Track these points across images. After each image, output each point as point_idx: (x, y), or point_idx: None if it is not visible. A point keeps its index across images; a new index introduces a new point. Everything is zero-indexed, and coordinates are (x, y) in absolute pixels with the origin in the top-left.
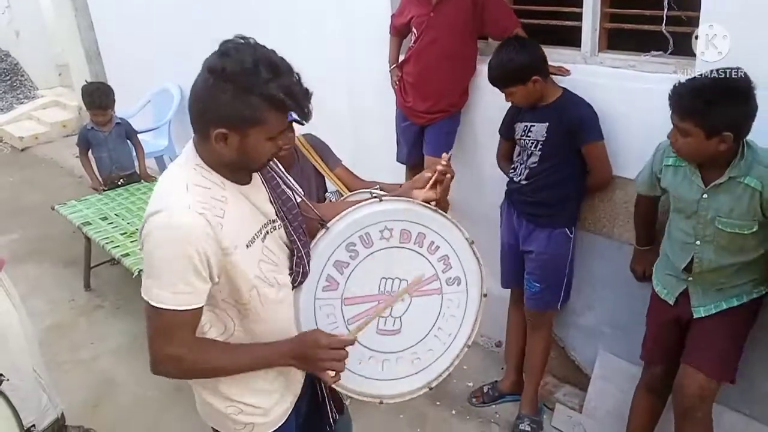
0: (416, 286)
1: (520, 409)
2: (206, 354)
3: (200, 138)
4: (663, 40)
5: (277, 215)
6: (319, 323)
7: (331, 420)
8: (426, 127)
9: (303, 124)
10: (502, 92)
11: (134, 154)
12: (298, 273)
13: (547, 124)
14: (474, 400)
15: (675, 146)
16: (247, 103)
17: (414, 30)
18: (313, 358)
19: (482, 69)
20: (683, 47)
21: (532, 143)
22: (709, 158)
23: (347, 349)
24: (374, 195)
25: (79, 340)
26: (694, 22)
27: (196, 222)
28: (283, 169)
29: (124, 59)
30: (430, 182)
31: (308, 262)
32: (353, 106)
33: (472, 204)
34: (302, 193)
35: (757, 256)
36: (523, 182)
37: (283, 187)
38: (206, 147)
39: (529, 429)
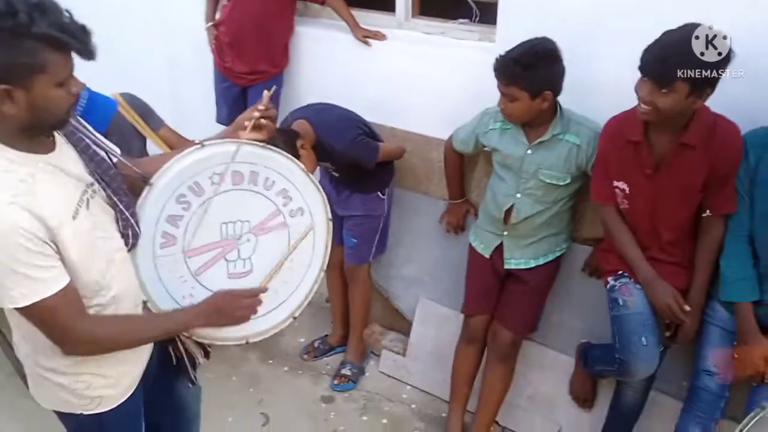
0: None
1: (344, 356)
2: (116, 329)
3: None
4: (471, 8)
5: (93, 178)
6: (164, 281)
7: (193, 378)
8: (248, 89)
9: (91, 60)
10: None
11: None
12: (128, 236)
13: (328, 162)
14: (305, 356)
15: (505, 112)
16: (20, 48)
17: None
18: (230, 308)
19: (301, 30)
20: (486, 16)
21: (328, 167)
22: (534, 118)
23: None
24: (197, 142)
25: None
26: None
27: (11, 213)
28: (92, 129)
29: None
30: (252, 123)
31: (136, 223)
32: (171, 66)
33: None
34: (118, 152)
35: (566, 208)
36: (334, 174)
37: (94, 147)
38: None
39: (350, 373)
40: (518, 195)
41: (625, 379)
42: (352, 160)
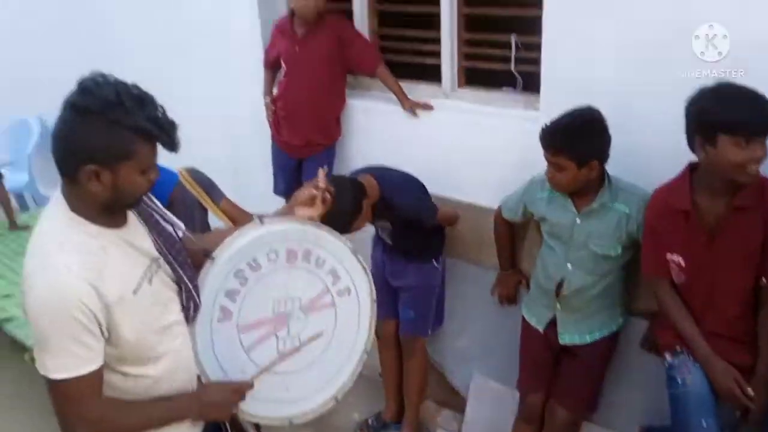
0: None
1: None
2: (121, 415)
3: (68, 182)
4: (513, 77)
5: (159, 253)
6: (218, 355)
7: None
8: (303, 161)
9: (174, 152)
10: None
11: None
12: (189, 308)
13: (388, 221)
14: None
15: (552, 181)
16: (116, 136)
17: (283, 64)
18: (216, 400)
19: (352, 103)
20: (532, 84)
21: (382, 230)
22: (581, 187)
23: None
24: (256, 216)
25: None
26: (538, 62)
27: (76, 285)
28: (160, 204)
29: None
30: (309, 201)
31: (198, 296)
32: (230, 140)
33: (349, 235)
34: (183, 227)
35: (618, 279)
36: (388, 242)
37: (163, 224)
38: (76, 190)
39: None
40: (569, 266)
41: None
42: (413, 218)
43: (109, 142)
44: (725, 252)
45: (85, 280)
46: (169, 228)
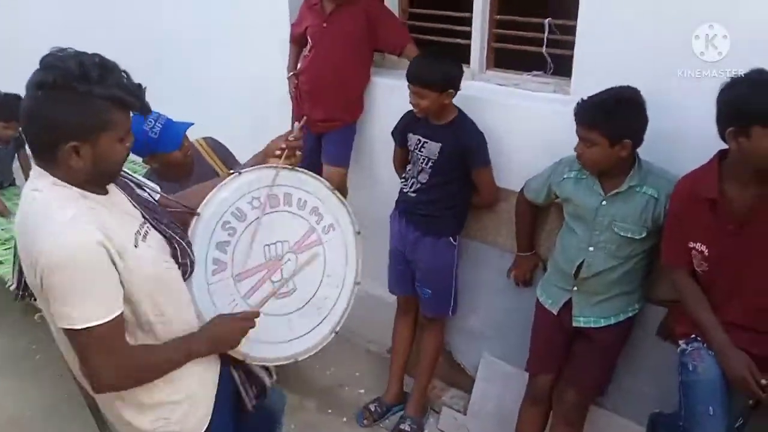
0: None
1: (405, 410)
2: (145, 356)
3: (47, 161)
4: (544, 60)
5: (142, 217)
6: (217, 306)
7: (249, 406)
8: (322, 136)
9: (146, 114)
10: (413, 92)
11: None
12: (186, 264)
13: (441, 145)
14: (365, 422)
15: (582, 158)
16: (90, 108)
17: (309, 39)
18: (225, 332)
19: (376, 81)
20: (561, 68)
21: (424, 159)
22: (611, 166)
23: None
24: (232, 171)
25: None
26: (571, 46)
27: (88, 230)
28: (131, 173)
29: (9, 51)
30: (285, 154)
31: (191, 251)
32: (252, 113)
33: (367, 213)
34: (159, 189)
35: (640, 265)
36: (412, 194)
37: (138, 190)
38: (56, 167)
39: (409, 429)
40: (590, 248)
41: None
42: (472, 149)
43: (84, 114)
44: (754, 242)
45: (94, 226)
46: (144, 194)
